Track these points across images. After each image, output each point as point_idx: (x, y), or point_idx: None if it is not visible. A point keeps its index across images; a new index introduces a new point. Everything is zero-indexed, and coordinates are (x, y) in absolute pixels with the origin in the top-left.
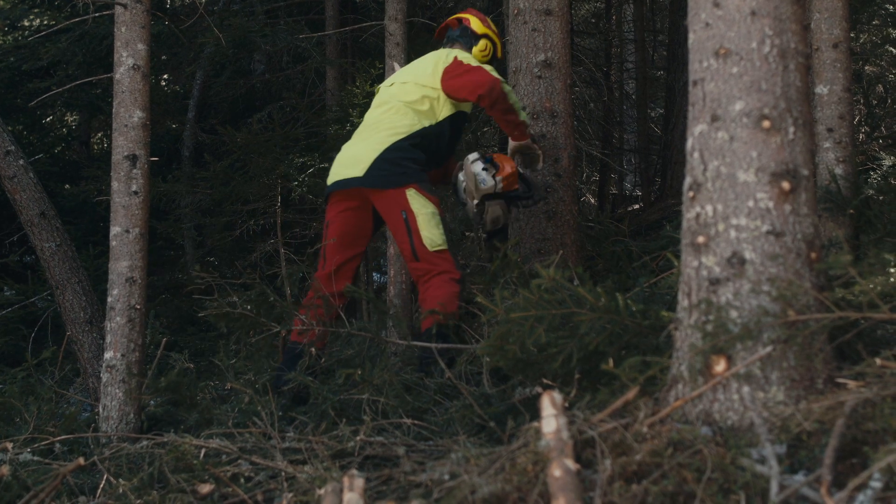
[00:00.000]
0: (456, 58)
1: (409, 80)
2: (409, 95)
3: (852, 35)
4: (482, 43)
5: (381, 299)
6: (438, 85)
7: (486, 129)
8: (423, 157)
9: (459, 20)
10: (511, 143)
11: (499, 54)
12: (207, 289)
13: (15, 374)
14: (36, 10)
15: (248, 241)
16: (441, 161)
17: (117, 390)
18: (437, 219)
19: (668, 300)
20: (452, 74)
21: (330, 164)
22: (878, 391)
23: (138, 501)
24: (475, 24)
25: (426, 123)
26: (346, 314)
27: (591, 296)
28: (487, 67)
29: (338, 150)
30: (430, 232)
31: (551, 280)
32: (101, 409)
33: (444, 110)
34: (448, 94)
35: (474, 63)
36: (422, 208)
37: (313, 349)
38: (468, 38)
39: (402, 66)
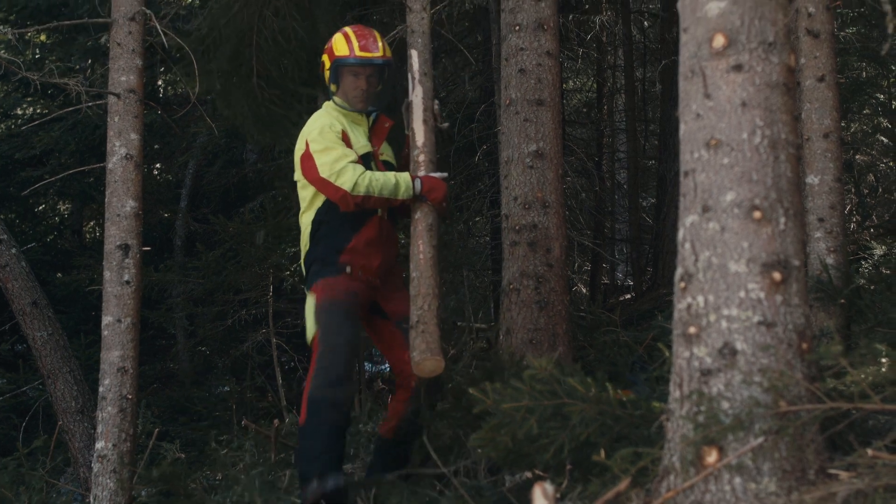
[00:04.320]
0: (307, 143)
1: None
2: (298, 184)
3: (843, 124)
4: (325, 77)
5: (372, 390)
6: (302, 177)
7: (477, 218)
8: (321, 249)
9: None
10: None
11: (335, 56)
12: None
13: (6, 464)
14: (29, 99)
15: (240, 331)
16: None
17: (108, 480)
18: (311, 307)
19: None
20: (308, 172)
21: None
22: (870, 482)
23: None
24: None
25: (310, 217)
26: None
27: (583, 386)
28: (333, 139)
29: None
30: (307, 326)
31: (543, 371)
32: (92, 500)
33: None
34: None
35: (320, 145)
36: (306, 307)
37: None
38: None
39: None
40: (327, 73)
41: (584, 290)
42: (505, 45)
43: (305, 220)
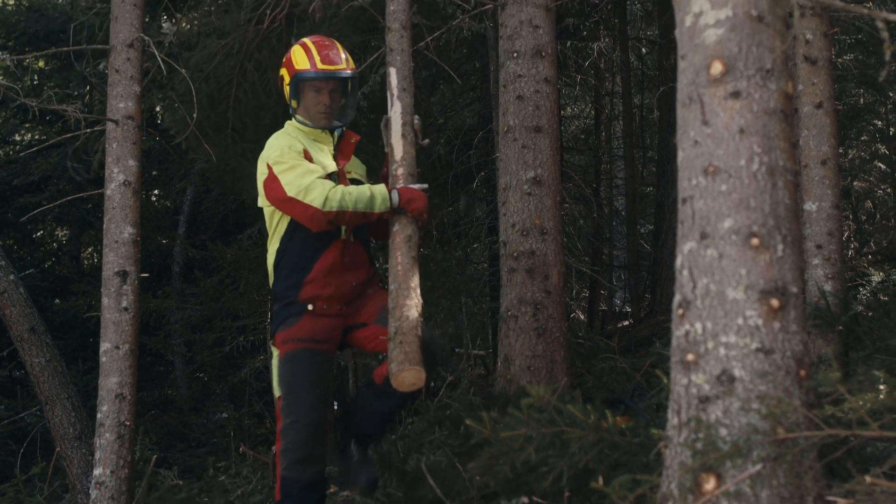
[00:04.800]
0: (269, 167)
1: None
2: (265, 210)
3: (841, 151)
4: (286, 92)
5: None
6: (267, 203)
7: (475, 245)
8: (281, 284)
9: None
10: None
11: (295, 69)
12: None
13: (4, 490)
14: (27, 125)
15: (238, 357)
16: (328, 236)
17: None
18: (275, 362)
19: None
20: (272, 194)
21: None
22: None
23: None
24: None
25: (273, 247)
26: None
27: (581, 414)
28: (292, 160)
29: None
30: (273, 383)
31: (541, 399)
32: None
33: (284, 218)
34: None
35: (284, 165)
36: (273, 358)
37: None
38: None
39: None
40: (287, 89)
41: (583, 317)
42: (503, 71)
43: (270, 250)
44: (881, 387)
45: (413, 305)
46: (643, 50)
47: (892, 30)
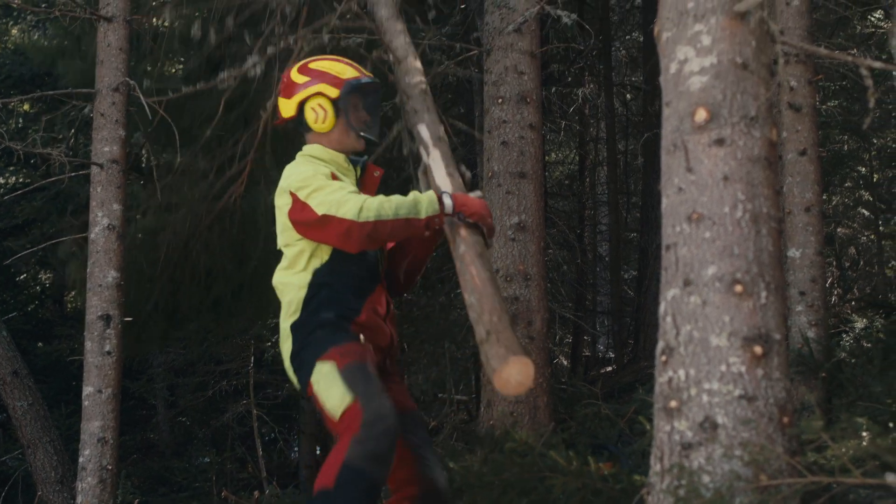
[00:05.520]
0: (292, 194)
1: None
2: (287, 249)
3: (824, 198)
4: (309, 116)
5: None
6: (295, 238)
7: (459, 290)
8: (325, 315)
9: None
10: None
11: (343, 79)
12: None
13: None
14: (11, 168)
15: (221, 402)
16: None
17: None
18: (332, 375)
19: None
20: (302, 223)
21: None
22: None
23: None
24: (286, 104)
25: (304, 279)
26: None
27: (564, 460)
28: (323, 179)
29: None
30: (329, 401)
31: (523, 444)
32: None
33: (321, 249)
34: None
35: (311, 187)
36: (320, 379)
37: None
38: (302, 126)
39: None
40: (327, 107)
41: (566, 363)
42: (488, 117)
43: (296, 282)
44: (864, 434)
45: (500, 309)
46: (628, 96)
47: (876, 77)
